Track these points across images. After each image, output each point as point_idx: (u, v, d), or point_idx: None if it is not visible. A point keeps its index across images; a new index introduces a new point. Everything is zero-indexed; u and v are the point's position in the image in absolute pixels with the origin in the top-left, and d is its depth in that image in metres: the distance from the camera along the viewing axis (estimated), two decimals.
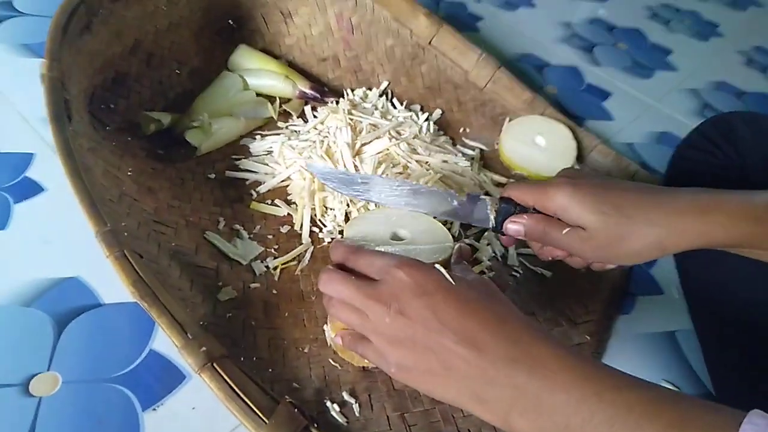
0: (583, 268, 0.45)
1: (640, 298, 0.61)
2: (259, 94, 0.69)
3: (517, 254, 0.60)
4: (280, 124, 0.68)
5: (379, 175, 0.57)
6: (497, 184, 0.67)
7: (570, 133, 0.66)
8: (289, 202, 0.60)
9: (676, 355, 0.56)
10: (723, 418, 0.26)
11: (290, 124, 0.68)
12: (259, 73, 0.70)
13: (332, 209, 0.59)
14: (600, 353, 0.54)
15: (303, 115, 0.70)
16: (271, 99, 0.69)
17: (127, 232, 0.43)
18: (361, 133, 0.63)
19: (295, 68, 0.75)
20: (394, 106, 0.73)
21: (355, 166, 0.59)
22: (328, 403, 0.44)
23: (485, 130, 0.72)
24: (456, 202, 0.45)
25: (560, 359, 0.30)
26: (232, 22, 0.74)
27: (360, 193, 0.45)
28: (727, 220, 0.37)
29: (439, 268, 0.35)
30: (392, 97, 0.75)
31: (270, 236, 0.57)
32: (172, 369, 0.47)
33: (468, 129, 0.73)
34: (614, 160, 0.65)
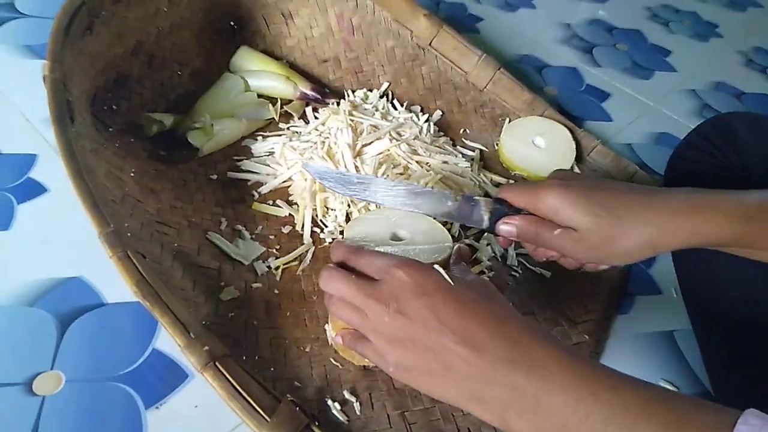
0: (576, 269, 0.45)
1: (639, 298, 0.61)
2: (260, 96, 0.70)
3: (517, 254, 0.60)
4: (282, 125, 0.69)
5: (375, 176, 0.57)
6: (497, 185, 0.67)
7: (569, 134, 0.67)
8: (291, 203, 0.61)
9: (674, 355, 0.56)
10: (719, 417, 0.26)
11: (291, 125, 0.69)
12: (261, 75, 0.70)
13: (333, 210, 0.59)
14: (599, 353, 0.54)
15: (304, 117, 0.71)
16: (273, 100, 0.70)
17: (130, 233, 0.43)
18: (362, 134, 0.63)
19: (296, 69, 0.75)
20: (394, 107, 0.73)
21: (356, 167, 0.59)
22: (329, 402, 0.44)
23: (485, 131, 0.72)
24: (450, 203, 0.45)
25: (558, 360, 0.30)
26: (233, 23, 0.74)
27: (356, 192, 0.46)
28: (719, 219, 0.37)
29: (439, 268, 0.35)
30: (393, 98, 0.75)
31: (272, 236, 0.57)
32: (174, 368, 0.47)
33: (468, 130, 0.73)
34: (613, 161, 0.66)
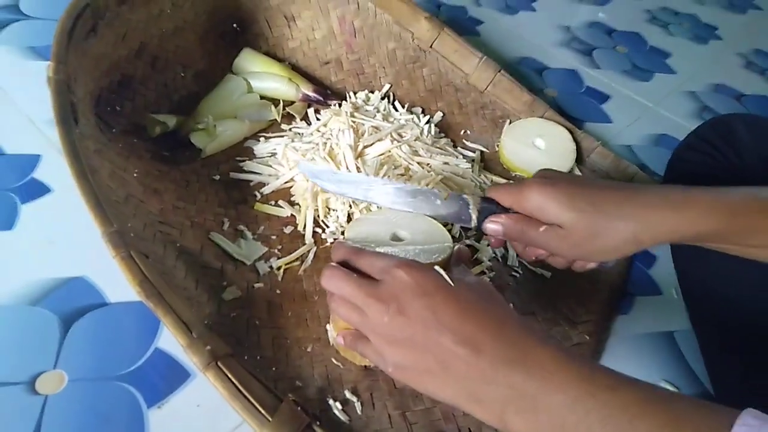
0: (565, 268, 0.45)
1: (639, 299, 0.61)
2: (262, 97, 0.70)
3: (517, 255, 0.61)
4: (284, 126, 0.69)
5: (367, 175, 0.57)
6: None
7: (569, 136, 0.67)
8: (293, 203, 0.61)
9: (674, 355, 0.57)
10: (717, 417, 0.26)
11: (293, 127, 0.69)
12: (263, 76, 0.71)
13: (335, 210, 0.59)
14: (599, 353, 0.54)
15: (306, 118, 0.71)
16: (275, 102, 0.70)
17: (133, 233, 0.44)
18: (364, 135, 0.64)
19: (299, 71, 0.75)
20: (395, 109, 0.74)
21: (358, 168, 0.59)
22: (331, 402, 0.44)
23: (486, 133, 0.73)
24: (439, 202, 0.45)
25: (556, 360, 0.30)
26: (236, 25, 0.74)
27: (348, 191, 0.46)
28: (700, 213, 0.37)
29: (439, 269, 0.35)
30: (394, 100, 0.76)
31: (273, 237, 0.57)
32: (176, 367, 0.47)
33: (469, 131, 0.73)
34: (613, 162, 0.66)
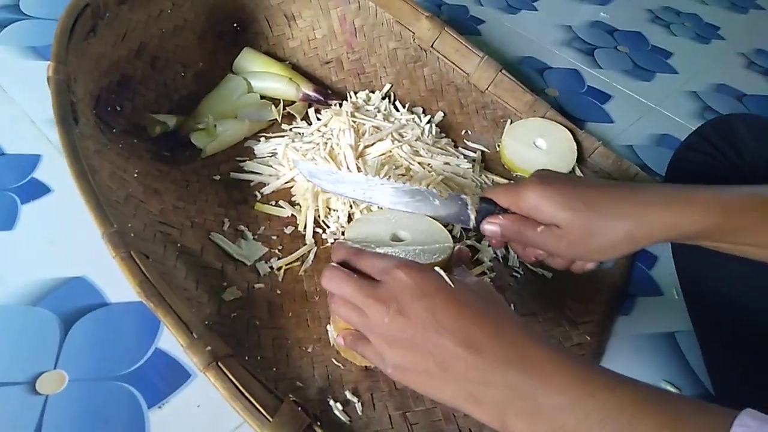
0: (564, 269, 0.45)
1: (640, 299, 0.61)
2: (263, 97, 0.70)
3: (517, 256, 0.60)
4: (284, 126, 0.69)
5: (367, 175, 0.57)
6: None
7: (571, 136, 0.67)
8: (293, 204, 0.61)
9: (675, 356, 0.57)
10: (715, 418, 0.26)
11: (294, 127, 0.69)
12: (263, 76, 0.71)
13: (335, 210, 0.59)
14: (600, 353, 0.54)
15: (306, 118, 0.71)
16: (275, 101, 0.70)
17: (133, 233, 0.44)
18: (364, 135, 0.64)
19: (299, 71, 0.75)
20: (396, 109, 0.74)
21: (358, 168, 0.59)
22: (331, 402, 0.44)
23: (487, 133, 0.72)
24: (438, 202, 0.45)
25: (556, 361, 0.30)
26: (236, 25, 0.74)
27: (346, 191, 0.46)
28: (695, 210, 0.37)
29: (439, 270, 0.35)
30: (395, 100, 0.75)
31: (274, 237, 0.57)
32: (177, 367, 0.47)
33: (470, 131, 0.73)
34: (615, 163, 0.66)
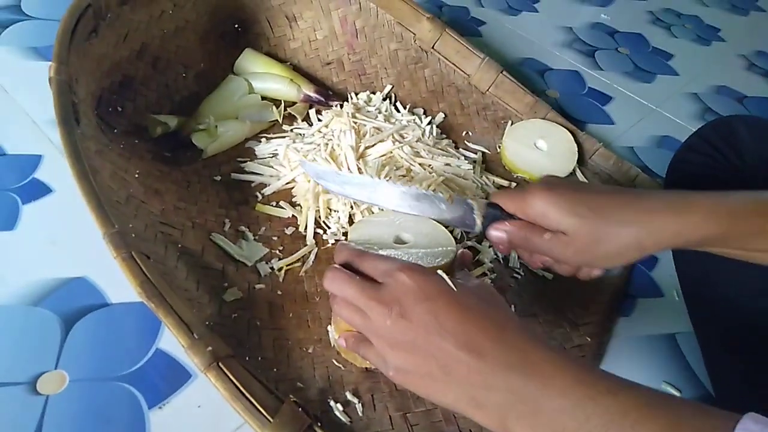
0: (571, 276, 0.45)
1: (641, 301, 0.61)
2: (264, 98, 0.70)
3: (519, 257, 0.60)
4: (285, 127, 0.69)
5: (373, 177, 0.57)
6: (499, 187, 0.67)
7: (571, 137, 0.67)
8: (294, 204, 0.61)
9: (676, 358, 0.56)
10: (717, 422, 0.26)
11: (295, 127, 0.69)
12: (265, 77, 0.71)
13: (336, 211, 0.59)
14: (600, 355, 0.54)
15: (307, 119, 0.71)
16: (276, 102, 0.70)
17: (134, 234, 0.44)
18: (365, 136, 0.64)
19: (300, 72, 0.75)
20: (397, 110, 0.74)
21: (359, 169, 0.59)
22: (332, 403, 0.44)
23: (487, 134, 0.73)
24: (444, 206, 0.45)
25: (557, 365, 0.30)
26: (237, 26, 0.74)
27: (352, 193, 0.46)
28: (701, 217, 0.37)
29: (442, 273, 0.35)
30: (395, 101, 0.76)
31: (275, 238, 0.57)
32: (177, 368, 0.47)
33: (470, 132, 0.73)
34: (615, 164, 0.66)
